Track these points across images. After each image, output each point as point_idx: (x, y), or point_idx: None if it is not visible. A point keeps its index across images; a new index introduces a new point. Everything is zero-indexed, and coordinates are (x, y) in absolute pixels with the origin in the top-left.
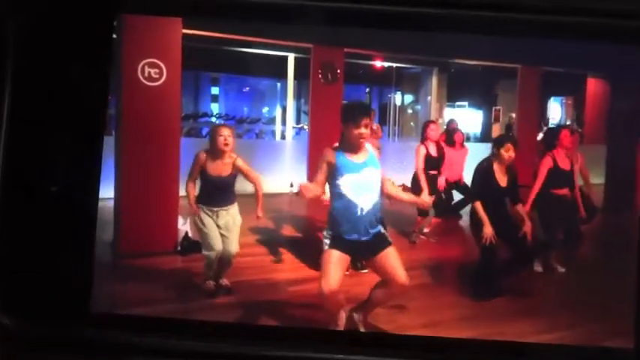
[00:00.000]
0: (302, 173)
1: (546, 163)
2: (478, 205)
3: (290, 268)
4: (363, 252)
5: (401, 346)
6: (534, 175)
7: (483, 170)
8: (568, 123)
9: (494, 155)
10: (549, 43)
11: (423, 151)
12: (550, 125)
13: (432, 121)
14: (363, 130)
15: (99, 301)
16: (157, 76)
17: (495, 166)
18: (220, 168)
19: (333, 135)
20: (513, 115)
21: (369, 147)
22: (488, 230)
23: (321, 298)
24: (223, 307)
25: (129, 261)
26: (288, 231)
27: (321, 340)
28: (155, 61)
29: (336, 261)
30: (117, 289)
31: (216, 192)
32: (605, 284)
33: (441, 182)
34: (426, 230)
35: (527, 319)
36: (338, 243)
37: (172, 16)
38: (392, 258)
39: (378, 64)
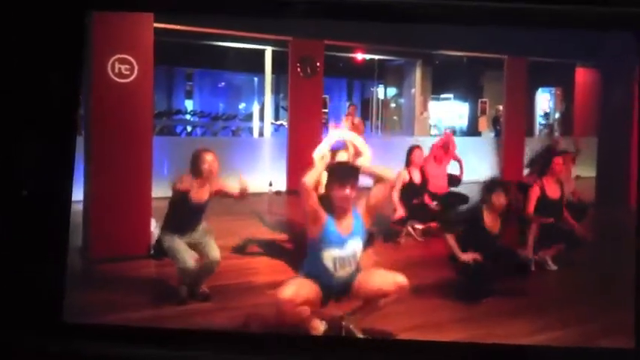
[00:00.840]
0: (281, 172)
1: (535, 192)
2: (449, 238)
3: (270, 270)
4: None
5: (393, 351)
6: (523, 202)
7: (472, 219)
8: (558, 138)
9: (484, 201)
10: (536, 32)
11: (405, 176)
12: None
13: (417, 147)
14: (348, 191)
15: (70, 309)
16: (128, 72)
17: (485, 214)
18: (202, 194)
19: (313, 131)
20: (500, 107)
21: (354, 210)
22: (465, 258)
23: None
24: (201, 313)
25: (100, 266)
26: (267, 232)
27: (307, 347)
28: (126, 56)
29: (305, 284)
30: (88, 296)
31: (193, 218)
32: (599, 281)
33: (427, 199)
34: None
35: (519, 319)
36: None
37: (144, 12)
38: (371, 279)
39: (360, 56)
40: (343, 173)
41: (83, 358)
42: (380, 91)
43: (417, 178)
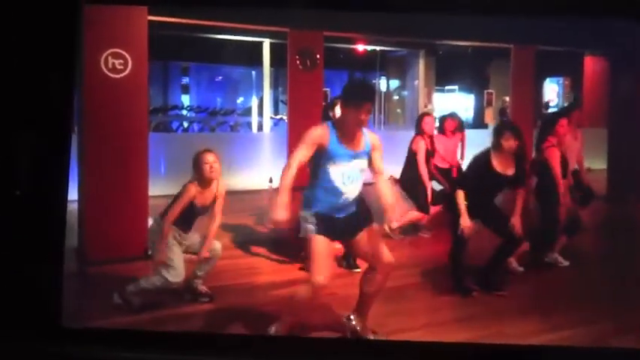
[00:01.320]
0: (282, 167)
1: (555, 155)
2: (459, 194)
3: (272, 269)
4: (346, 231)
5: (400, 353)
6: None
7: (478, 161)
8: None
9: (494, 146)
10: (543, 20)
11: (423, 145)
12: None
13: (428, 114)
14: (364, 116)
15: (66, 312)
16: (122, 67)
17: (494, 157)
18: (207, 196)
19: (314, 125)
20: (507, 98)
21: (365, 132)
22: (464, 222)
23: (314, 292)
24: (199, 314)
25: (96, 268)
26: (267, 230)
27: (313, 349)
28: (119, 51)
29: (324, 249)
30: (85, 299)
31: (196, 218)
32: (611, 278)
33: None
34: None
35: (528, 318)
36: (323, 225)
37: (137, 5)
38: (373, 236)
39: (361, 47)
40: (361, 93)
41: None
42: (382, 84)
43: (428, 145)
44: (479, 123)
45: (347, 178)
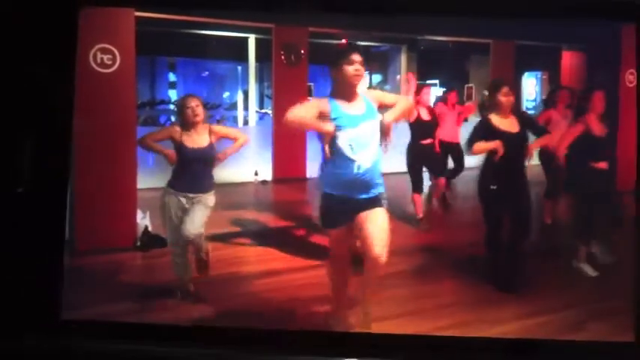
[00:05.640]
0: (267, 161)
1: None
2: (478, 145)
3: (258, 259)
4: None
5: (397, 347)
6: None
7: (478, 129)
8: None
9: (491, 107)
10: (522, 19)
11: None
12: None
13: (427, 86)
14: (358, 66)
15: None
16: (110, 62)
17: (493, 119)
18: (197, 140)
19: None
20: (487, 92)
21: (362, 94)
22: (494, 145)
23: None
24: (188, 304)
25: (86, 259)
26: (254, 222)
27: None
28: (107, 46)
29: (340, 239)
30: (76, 290)
31: (195, 170)
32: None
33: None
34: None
35: (506, 304)
36: (332, 210)
37: (130, 7)
38: (374, 220)
39: (344, 43)
40: (348, 48)
41: (76, 355)
42: (365, 78)
43: (425, 115)
44: None
45: (356, 144)
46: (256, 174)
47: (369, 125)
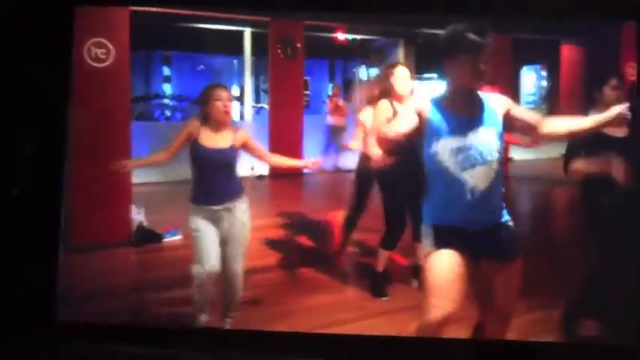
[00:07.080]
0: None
1: None
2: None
3: (252, 256)
4: (482, 248)
5: (396, 347)
6: None
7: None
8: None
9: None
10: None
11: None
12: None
13: None
14: (481, 65)
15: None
16: (104, 56)
17: None
18: (217, 139)
19: (294, 114)
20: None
21: (483, 94)
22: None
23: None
24: (185, 299)
25: (80, 255)
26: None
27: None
28: (102, 40)
29: (450, 267)
30: (69, 285)
31: (215, 175)
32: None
33: None
34: None
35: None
36: (443, 236)
37: (127, 6)
38: (512, 278)
39: (341, 36)
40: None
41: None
42: (362, 72)
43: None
44: None
45: (464, 158)
46: (252, 169)
47: (485, 133)
